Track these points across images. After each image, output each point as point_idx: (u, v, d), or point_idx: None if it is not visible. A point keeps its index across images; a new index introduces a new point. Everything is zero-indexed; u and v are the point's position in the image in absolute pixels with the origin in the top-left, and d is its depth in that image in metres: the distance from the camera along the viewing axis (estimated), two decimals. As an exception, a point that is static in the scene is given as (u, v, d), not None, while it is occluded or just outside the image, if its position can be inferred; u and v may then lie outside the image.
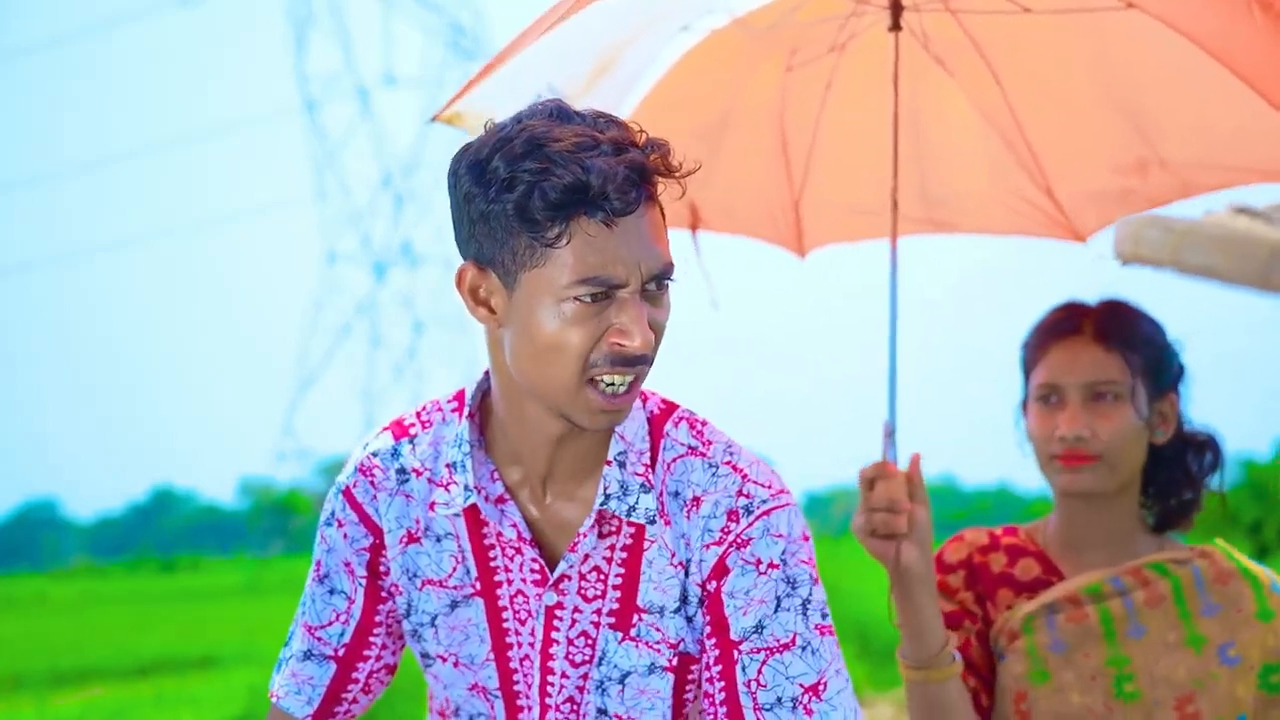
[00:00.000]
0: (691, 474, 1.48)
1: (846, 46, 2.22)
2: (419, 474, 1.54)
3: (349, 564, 1.56)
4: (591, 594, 1.50)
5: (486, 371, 1.52)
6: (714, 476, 1.48)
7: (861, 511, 1.80)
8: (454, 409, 1.55)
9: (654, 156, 1.35)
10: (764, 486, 1.47)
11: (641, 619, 1.49)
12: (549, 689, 1.52)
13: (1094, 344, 1.88)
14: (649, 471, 1.48)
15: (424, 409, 1.58)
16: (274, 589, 22.57)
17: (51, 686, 11.21)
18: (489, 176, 1.35)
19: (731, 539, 1.46)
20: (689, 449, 1.50)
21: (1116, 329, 1.89)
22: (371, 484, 1.55)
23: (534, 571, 1.50)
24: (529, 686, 1.53)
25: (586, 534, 1.47)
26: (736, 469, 1.48)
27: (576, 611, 1.50)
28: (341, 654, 1.57)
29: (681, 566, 1.48)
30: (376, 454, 1.56)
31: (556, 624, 1.50)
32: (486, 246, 1.37)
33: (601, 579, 1.49)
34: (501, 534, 1.50)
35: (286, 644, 1.61)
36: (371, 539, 1.55)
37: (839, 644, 1.46)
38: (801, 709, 1.42)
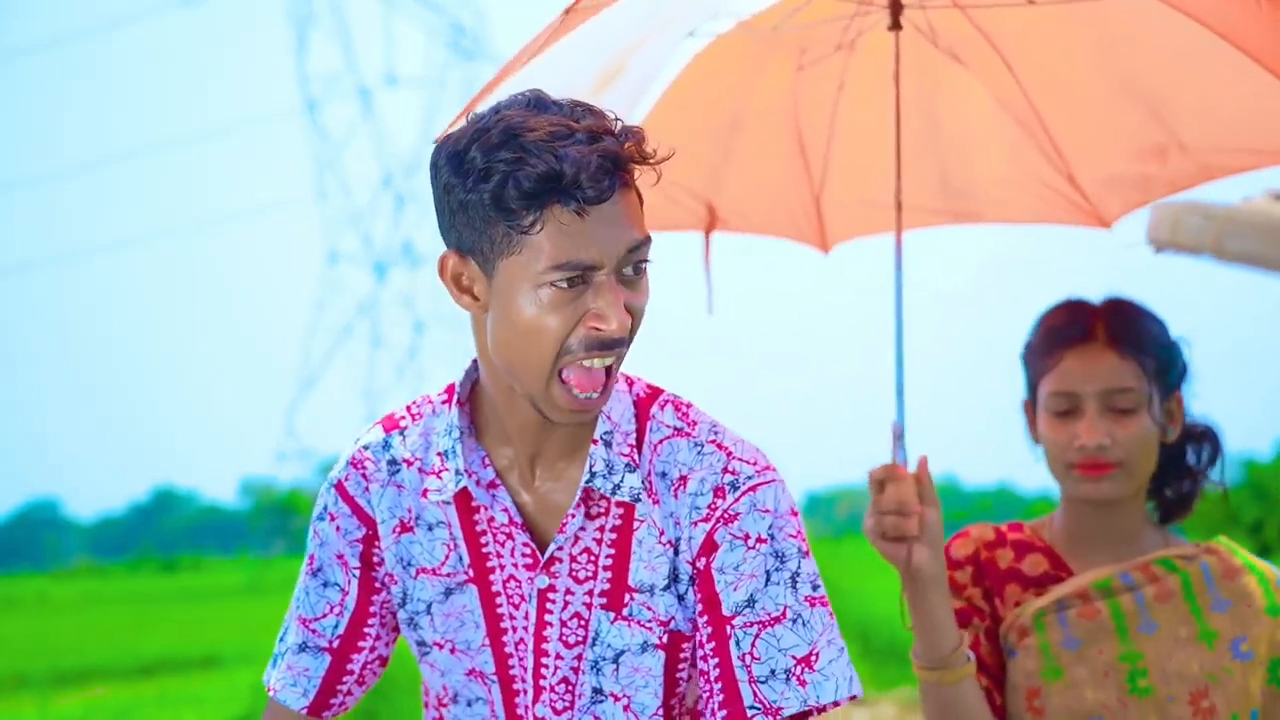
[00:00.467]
0: (678, 454, 1.51)
1: (855, 45, 2.22)
2: (410, 464, 1.56)
3: (342, 556, 1.58)
4: (583, 575, 1.52)
5: (475, 360, 1.55)
6: (700, 455, 1.50)
7: (871, 514, 1.80)
8: (443, 401, 1.58)
9: (628, 145, 1.38)
10: (749, 463, 1.50)
11: (633, 598, 1.51)
12: (543, 670, 1.54)
13: (1108, 350, 1.87)
14: (634, 452, 1.50)
15: (414, 403, 1.61)
16: (276, 589, 22.57)
17: (53, 686, 11.21)
18: (466, 167, 1.38)
19: (719, 515, 1.48)
20: (675, 430, 1.52)
21: (1128, 333, 1.88)
22: (363, 476, 1.57)
23: (525, 555, 1.52)
24: (524, 669, 1.55)
25: (574, 513, 1.49)
26: (721, 447, 1.50)
27: (569, 593, 1.52)
28: (336, 645, 1.58)
29: (670, 545, 1.50)
30: (367, 447, 1.58)
31: (549, 606, 1.52)
32: (466, 235, 1.41)
33: (592, 560, 1.51)
34: (493, 519, 1.52)
35: (280, 638, 1.62)
36: (364, 530, 1.57)
37: (833, 617, 1.48)
38: (795, 680, 1.44)
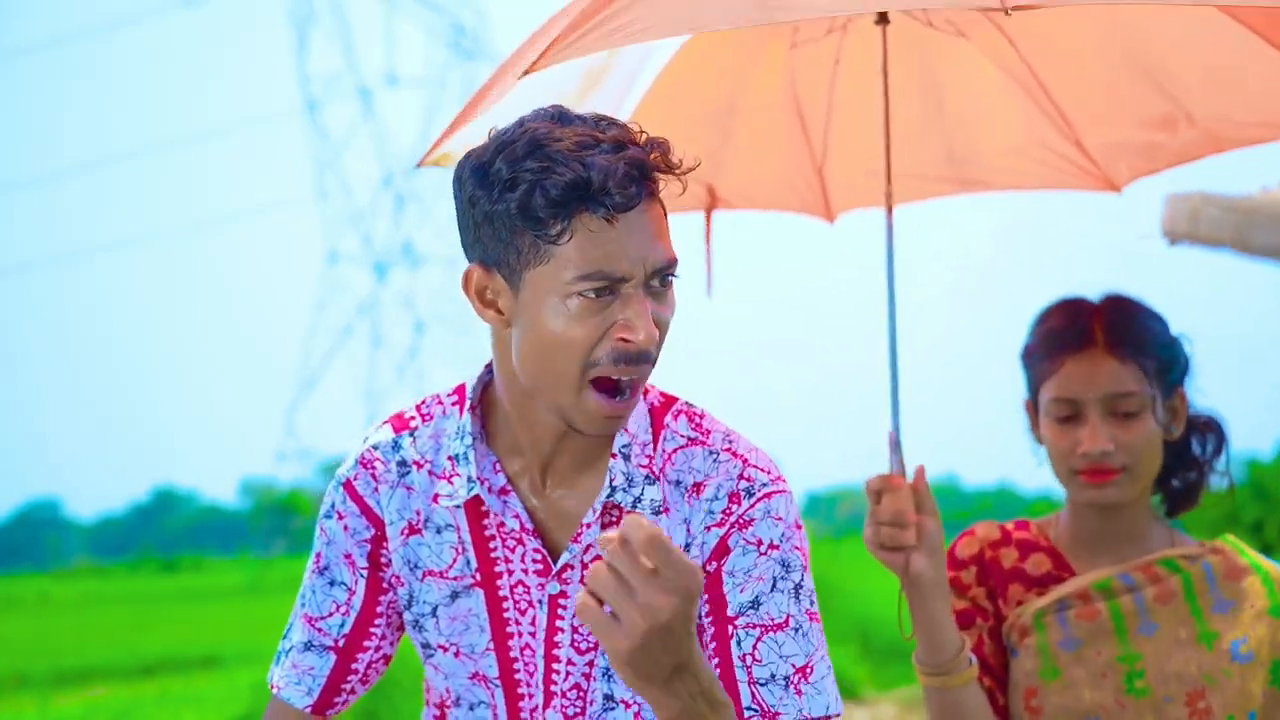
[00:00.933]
0: (692, 461, 1.52)
1: (847, 27, 2.22)
2: (419, 466, 1.55)
3: (349, 556, 1.57)
4: None
5: (488, 364, 1.55)
6: (715, 462, 1.51)
7: (870, 524, 1.81)
8: (454, 402, 1.57)
9: (654, 154, 1.38)
10: (764, 471, 1.51)
11: None
12: (554, 676, 1.54)
13: (1109, 355, 1.86)
14: (652, 463, 1.51)
15: (423, 403, 1.60)
16: (276, 589, 22.56)
17: (54, 686, 11.22)
18: (492, 178, 1.37)
19: (734, 520, 1.49)
20: (689, 439, 1.53)
21: (1129, 336, 1.87)
22: (373, 476, 1.56)
23: (536, 562, 1.52)
24: (530, 675, 1.55)
25: (591, 525, 1.49)
26: (736, 455, 1.52)
27: None
28: (342, 645, 1.58)
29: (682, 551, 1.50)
30: (377, 447, 1.57)
31: (560, 613, 1.52)
32: (492, 248, 1.40)
33: None
34: (503, 524, 1.52)
35: (285, 636, 1.61)
36: (373, 531, 1.56)
37: (823, 632, 1.50)
38: (793, 689, 1.45)
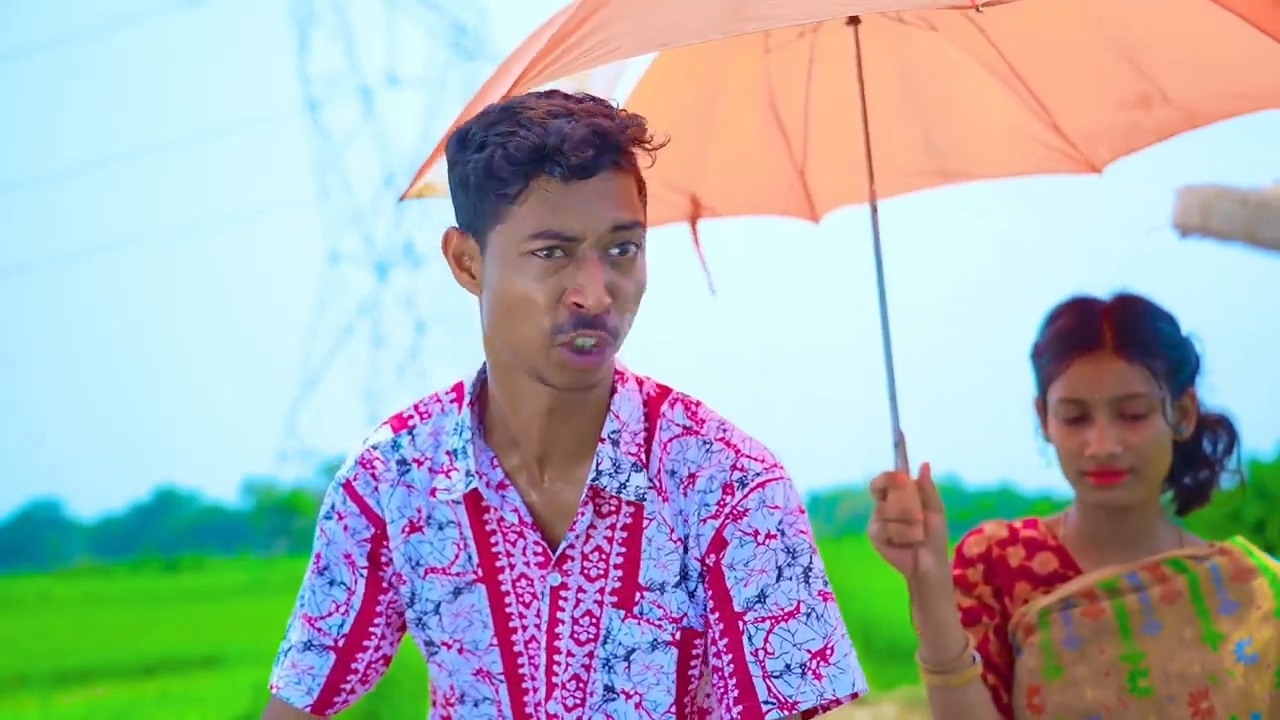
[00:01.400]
0: (687, 452, 1.52)
1: (819, 28, 2.23)
2: (419, 464, 1.57)
3: (349, 555, 1.58)
4: (594, 573, 1.53)
5: (484, 363, 1.56)
6: (708, 453, 1.52)
7: (876, 521, 1.81)
8: (452, 400, 1.59)
9: (627, 128, 1.41)
10: (757, 460, 1.52)
11: (644, 596, 1.52)
12: (555, 668, 1.54)
13: (1117, 357, 1.86)
14: (642, 451, 1.52)
15: (422, 402, 1.62)
16: (278, 589, 22.58)
17: (56, 686, 11.22)
18: (467, 142, 1.44)
19: (728, 511, 1.49)
20: (683, 429, 1.54)
21: (1138, 337, 1.87)
22: (372, 476, 1.57)
23: (537, 554, 1.53)
24: (535, 668, 1.55)
25: (583, 511, 1.50)
26: (730, 445, 1.52)
27: (580, 591, 1.53)
28: (341, 644, 1.58)
29: (680, 542, 1.51)
30: (376, 447, 1.59)
31: (561, 604, 1.53)
32: (466, 211, 1.46)
33: (604, 558, 1.52)
34: (503, 518, 1.53)
35: (285, 636, 1.61)
36: (373, 530, 1.57)
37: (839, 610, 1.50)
38: (810, 674, 1.45)
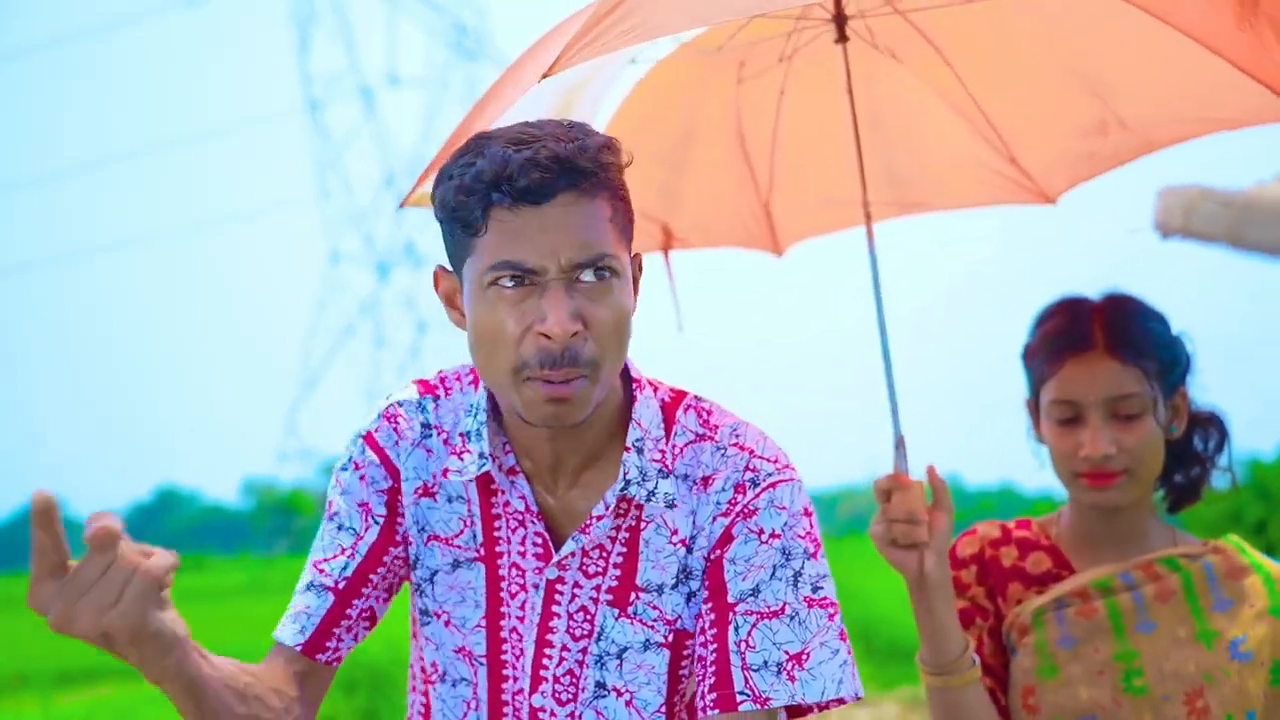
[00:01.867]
0: (701, 456, 1.53)
1: (794, 57, 2.27)
2: (440, 433, 1.56)
3: (365, 504, 1.55)
4: (592, 570, 1.53)
5: None
6: (723, 457, 1.53)
7: (880, 521, 1.81)
8: (470, 381, 1.59)
9: (594, 153, 1.38)
10: (770, 461, 1.53)
11: (639, 597, 1.52)
12: (545, 661, 1.54)
13: (1109, 357, 1.86)
14: (666, 458, 1.52)
15: (445, 376, 1.61)
16: (278, 589, 22.55)
17: (57, 686, 11.21)
18: (441, 177, 1.43)
19: (738, 510, 1.51)
20: (697, 435, 1.55)
21: (1129, 337, 1.87)
22: (395, 430, 1.56)
23: (536, 545, 1.53)
24: (516, 658, 1.55)
25: (603, 517, 1.50)
26: (743, 448, 1.53)
27: (576, 587, 1.53)
28: (341, 587, 1.54)
29: (683, 544, 1.52)
30: (402, 404, 1.58)
31: (557, 598, 1.53)
32: (447, 247, 1.45)
33: (604, 557, 1.53)
34: (509, 504, 1.53)
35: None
36: (390, 482, 1.56)
37: (835, 618, 1.50)
38: (785, 675, 1.46)
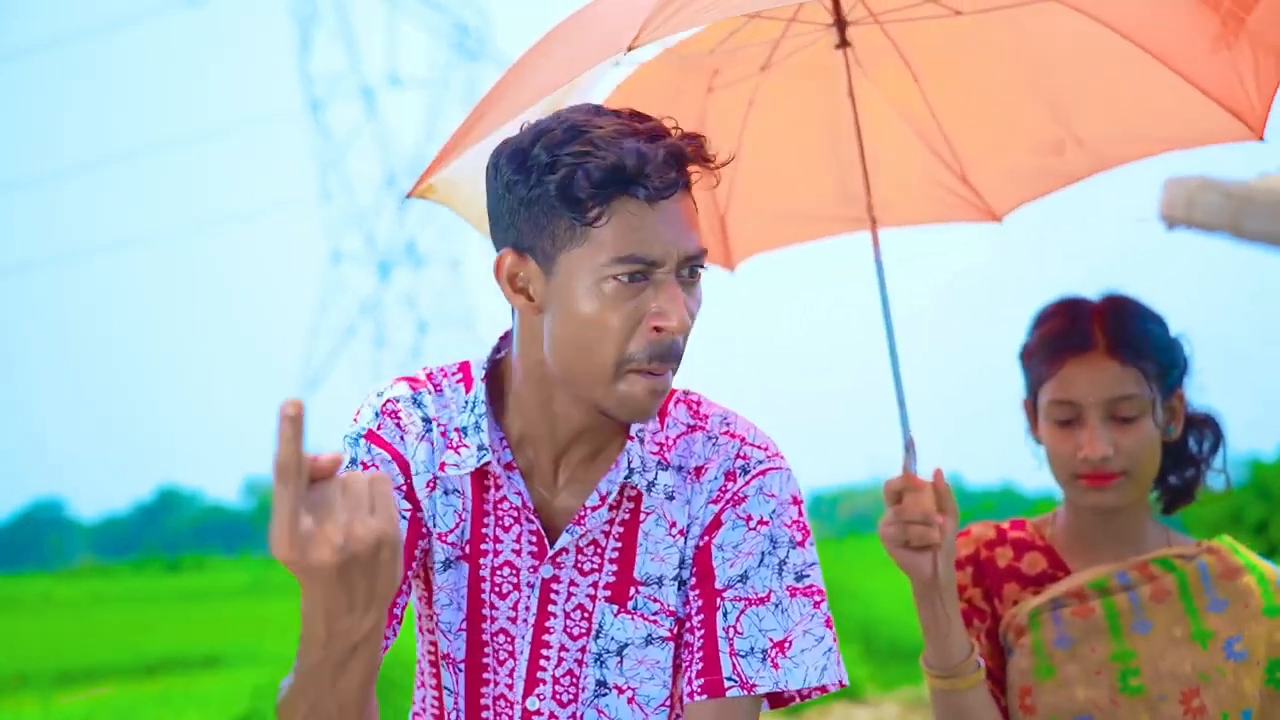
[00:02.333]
0: (693, 446, 1.54)
1: (773, 67, 2.28)
2: (439, 425, 1.53)
3: None
4: (588, 567, 1.52)
5: (501, 339, 1.56)
6: (714, 446, 1.54)
7: (891, 523, 1.80)
8: (459, 380, 1.56)
9: (690, 146, 1.41)
10: (760, 449, 1.54)
11: (638, 591, 1.52)
12: (543, 663, 1.52)
13: (1108, 359, 1.85)
14: (663, 450, 1.53)
15: (432, 373, 1.58)
16: (279, 589, 22.57)
17: (57, 686, 11.22)
18: (530, 163, 1.40)
19: (728, 497, 1.52)
20: (688, 426, 1.56)
21: (1129, 339, 1.87)
22: (397, 424, 1.53)
23: (532, 543, 1.52)
24: (500, 662, 1.53)
25: (597, 508, 1.50)
26: (734, 435, 1.55)
27: (573, 585, 1.52)
28: None
29: (682, 534, 1.52)
30: (398, 399, 1.54)
31: (553, 597, 1.52)
32: (527, 232, 1.42)
33: (599, 553, 1.52)
34: (503, 500, 1.52)
35: None
36: (404, 477, 1.52)
37: (821, 606, 1.51)
38: (770, 661, 1.48)
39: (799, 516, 1.53)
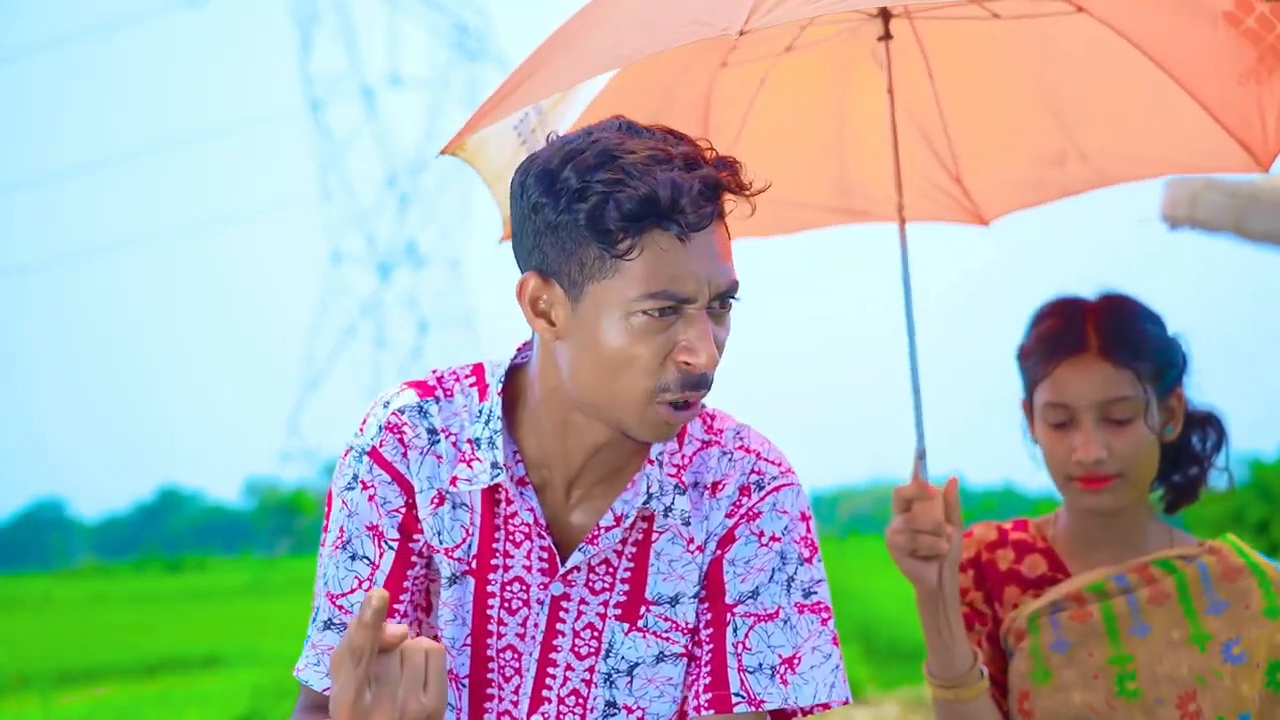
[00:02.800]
0: (709, 462, 1.53)
1: (795, 49, 2.24)
2: (447, 436, 1.49)
3: (374, 527, 1.48)
4: (599, 586, 1.50)
5: (519, 350, 1.54)
6: (730, 461, 1.53)
7: (900, 531, 1.80)
8: (471, 384, 1.52)
9: (725, 174, 1.37)
10: (774, 464, 1.54)
11: (649, 610, 1.50)
12: (549, 681, 1.51)
13: (1102, 360, 1.85)
14: (680, 473, 1.51)
15: (441, 377, 1.54)
16: (280, 589, 22.56)
17: (58, 686, 11.22)
18: (559, 186, 1.35)
19: (743, 512, 1.51)
20: (703, 442, 1.55)
21: (1123, 339, 1.86)
22: (400, 441, 1.49)
23: (543, 560, 1.50)
24: (506, 679, 1.51)
25: (611, 528, 1.48)
26: (749, 450, 1.54)
27: (583, 603, 1.50)
28: None
29: (700, 550, 1.51)
30: (403, 411, 1.50)
31: (563, 615, 1.50)
32: (553, 257, 1.37)
33: (610, 571, 1.50)
34: (514, 515, 1.49)
35: (312, 620, 1.52)
36: (404, 499, 1.49)
37: (829, 623, 1.51)
38: (778, 678, 1.47)
39: (808, 533, 1.53)
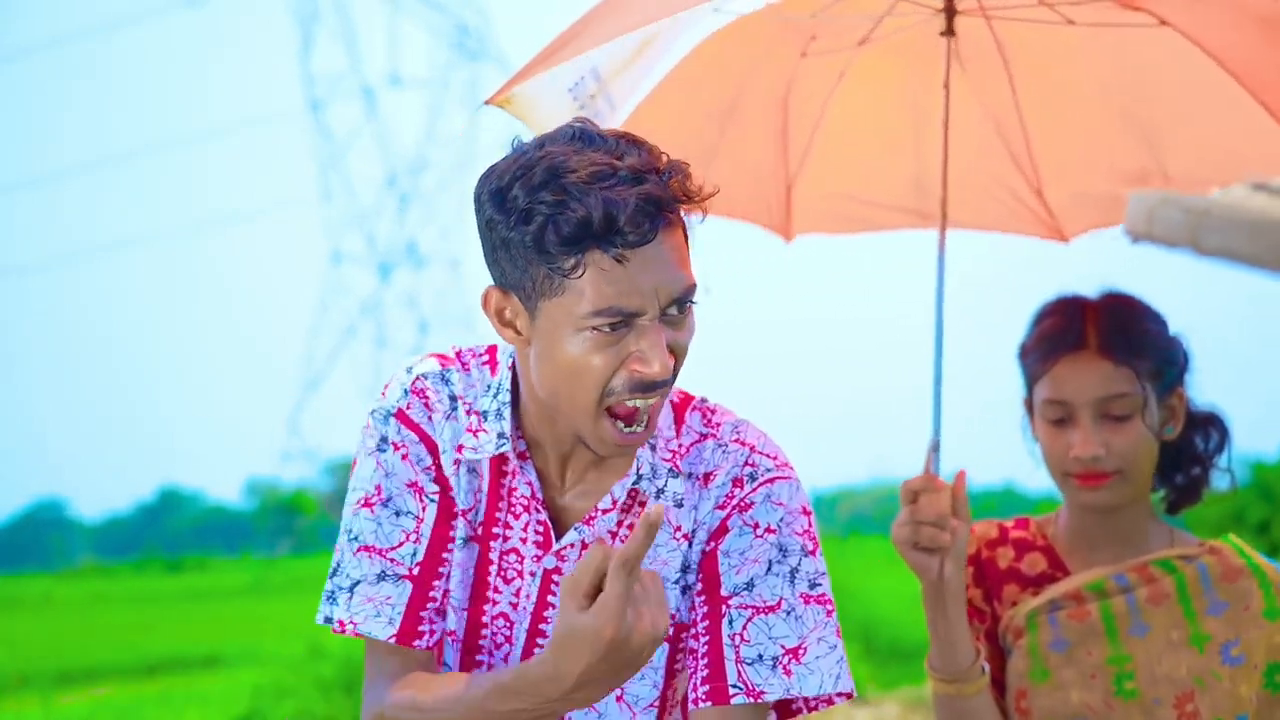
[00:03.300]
0: (704, 454, 1.55)
1: (872, 42, 2.22)
2: (464, 404, 1.55)
3: (414, 484, 1.53)
4: None
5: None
6: (724, 454, 1.55)
7: (905, 523, 1.79)
8: (484, 362, 1.58)
9: (672, 182, 1.37)
10: (769, 457, 1.55)
11: None
12: (537, 651, 1.54)
13: (1101, 358, 1.85)
14: (676, 457, 1.53)
15: (461, 352, 1.59)
16: (280, 589, 22.57)
17: (58, 686, 11.23)
18: (509, 205, 1.37)
19: (735, 503, 1.52)
20: (701, 435, 1.57)
21: (1122, 338, 1.86)
22: (425, 404, 1.55)
23: (538, 533, 1.54)
24: (497, 645, 1.55)
25: (609, 510, 1.51)
26: (744, 443, 1.56)
27: None
28: (416, 573, 1.52)
29: (686, 538, 1.53)
30: (426, 376, 1.56)
31: (554, 589, 1.53)
32: (509, 272, 1.41)
33: None
34: (516, 490, 1.54)
35: (335, 575, 1.53)
36: (431, 458, 1.54)
37: (833, 615, 1.51)
38: (781, 669, 1.48)
39: (809, 527, 1.53)
